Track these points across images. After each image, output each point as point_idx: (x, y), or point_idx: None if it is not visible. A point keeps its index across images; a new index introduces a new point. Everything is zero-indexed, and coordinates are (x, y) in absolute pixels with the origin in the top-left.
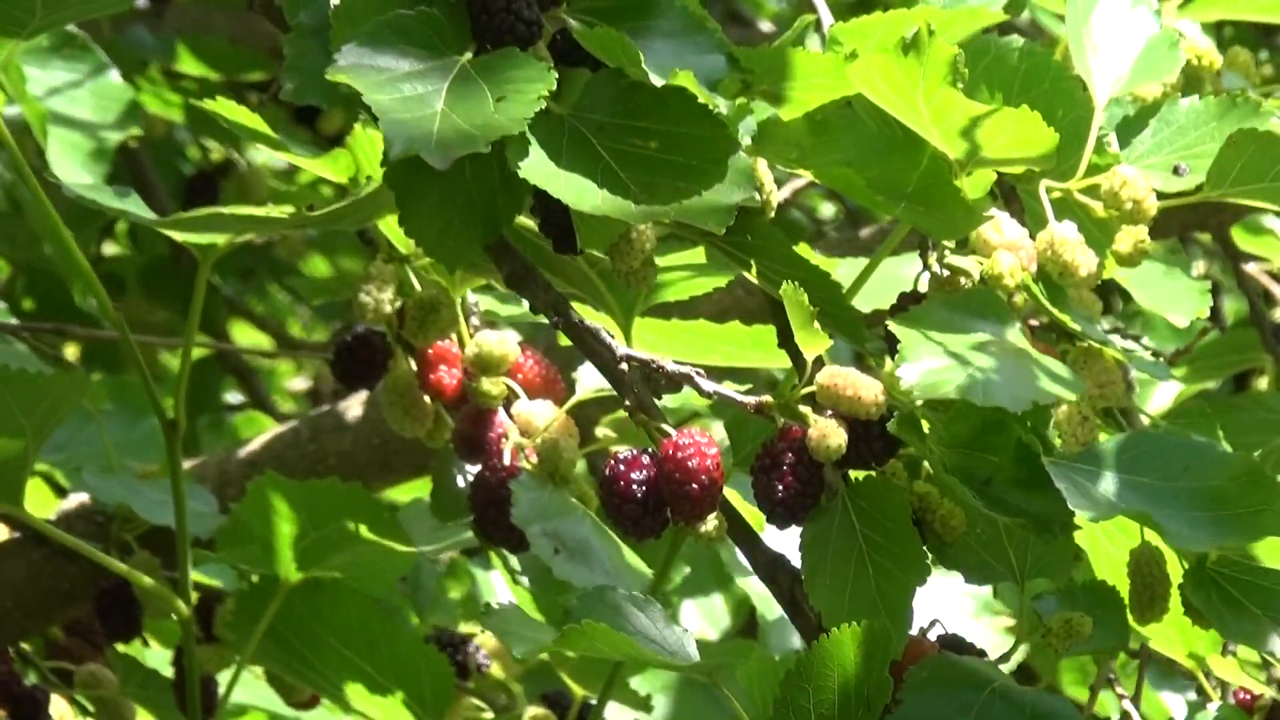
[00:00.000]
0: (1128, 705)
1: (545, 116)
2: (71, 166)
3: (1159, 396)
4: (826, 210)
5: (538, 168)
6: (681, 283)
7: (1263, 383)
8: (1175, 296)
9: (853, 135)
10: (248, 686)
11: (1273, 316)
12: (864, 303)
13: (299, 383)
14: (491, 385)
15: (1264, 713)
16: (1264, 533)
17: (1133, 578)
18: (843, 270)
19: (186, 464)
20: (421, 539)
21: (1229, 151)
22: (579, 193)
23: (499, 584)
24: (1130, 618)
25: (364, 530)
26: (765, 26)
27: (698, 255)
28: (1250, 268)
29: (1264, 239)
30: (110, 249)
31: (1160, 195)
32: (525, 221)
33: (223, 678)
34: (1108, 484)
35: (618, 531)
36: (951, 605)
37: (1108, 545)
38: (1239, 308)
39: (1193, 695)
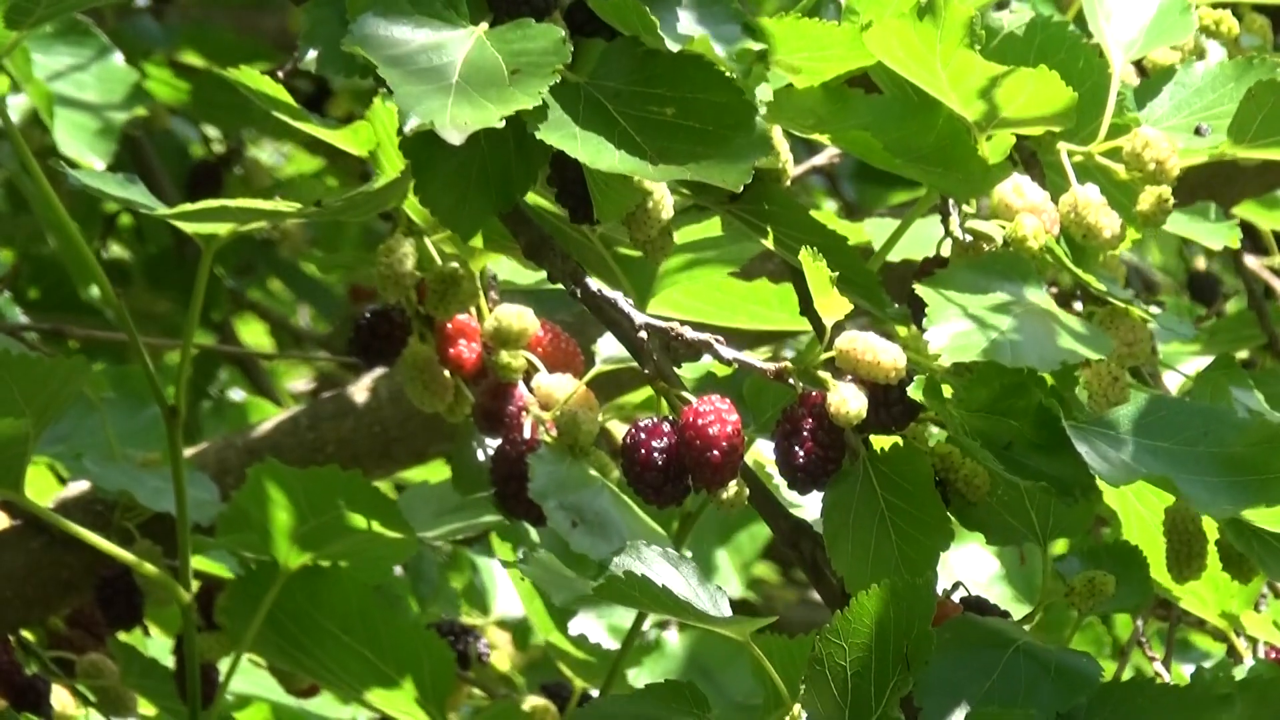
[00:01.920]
0: (1158, 667)
1: (562, 85)
2: (79, 146)
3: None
4: (829, 206)
5: (555, 130)
6: (695, 269)
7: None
8: (1207, 228)
9: (869, 102)
10: (248, 674)
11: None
12: (896, 255)
13: (301, 384)
14: (511, 359)
15: None
16: None
17: (1169, 535)
18: (869, 229)
19: (187, 452)
20: (422, 525)
21: (1248, 105)
22: (595, 153)
23: (499, 572)
24: (1168, 576)
25: (363, 518)
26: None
27: (714, 227)
28: (1250, 261)
29: (1278, 213)
30: (115, 241)
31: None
32: (542, 202)
33: (223, 665)
34: (1128, 448)
35: (638, 500)
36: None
37: (1138, 506)
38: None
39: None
